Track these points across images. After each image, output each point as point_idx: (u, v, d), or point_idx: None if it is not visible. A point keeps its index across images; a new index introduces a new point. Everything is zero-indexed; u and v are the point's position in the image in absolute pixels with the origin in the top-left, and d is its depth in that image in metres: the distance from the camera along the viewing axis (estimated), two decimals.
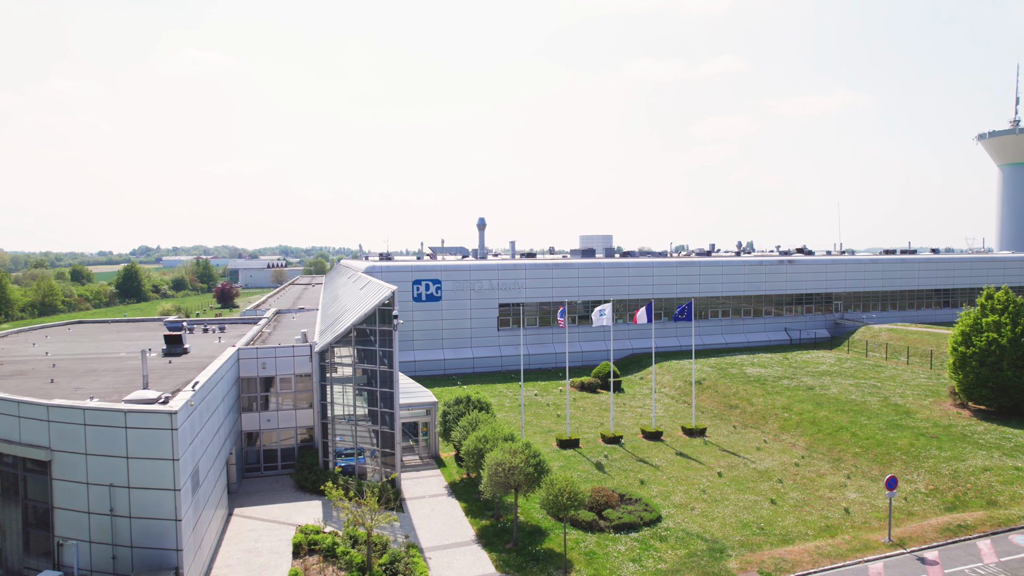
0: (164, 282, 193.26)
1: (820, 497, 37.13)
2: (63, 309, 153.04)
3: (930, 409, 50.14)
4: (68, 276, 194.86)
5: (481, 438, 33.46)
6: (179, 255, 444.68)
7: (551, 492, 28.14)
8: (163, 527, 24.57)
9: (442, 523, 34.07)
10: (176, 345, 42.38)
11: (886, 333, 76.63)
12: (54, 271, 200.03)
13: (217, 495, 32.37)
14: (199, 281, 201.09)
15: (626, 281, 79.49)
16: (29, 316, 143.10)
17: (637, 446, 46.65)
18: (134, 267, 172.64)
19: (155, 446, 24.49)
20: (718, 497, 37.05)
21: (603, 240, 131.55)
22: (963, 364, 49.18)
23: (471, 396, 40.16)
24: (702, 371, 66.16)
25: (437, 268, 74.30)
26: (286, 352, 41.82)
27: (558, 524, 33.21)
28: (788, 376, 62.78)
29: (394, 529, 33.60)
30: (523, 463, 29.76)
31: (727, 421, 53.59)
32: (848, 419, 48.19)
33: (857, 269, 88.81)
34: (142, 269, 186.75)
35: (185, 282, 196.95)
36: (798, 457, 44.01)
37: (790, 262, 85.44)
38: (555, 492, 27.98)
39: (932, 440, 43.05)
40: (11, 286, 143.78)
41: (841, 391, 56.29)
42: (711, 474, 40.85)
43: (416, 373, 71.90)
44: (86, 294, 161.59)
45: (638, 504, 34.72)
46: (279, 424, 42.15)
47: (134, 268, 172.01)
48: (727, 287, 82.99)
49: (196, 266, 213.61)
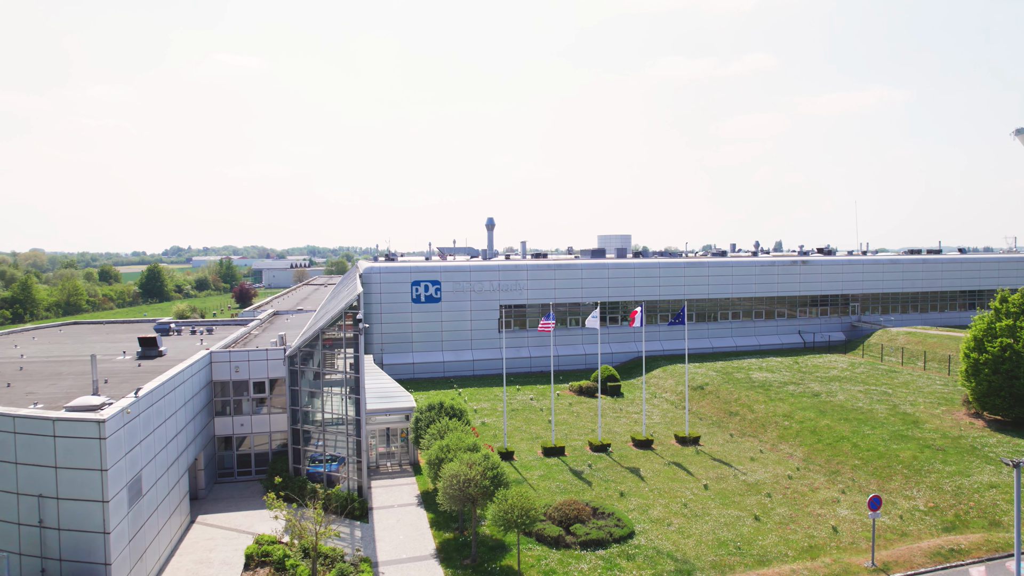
0: (187, 282, 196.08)
1: (809, 514, 34.95)
2: (87, 308, 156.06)
3: (941, 419, 47.33)
4: (96, 276, 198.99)
5: (443, 447, 32.11)
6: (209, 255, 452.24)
7: (501, 508, 26.66)
8: (92, 540, 23.73)
9: (404, 535, 32.82)
10: (151, 348, 41.86)
11: (904, 336, 73.28)
12: (83, 271, 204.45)
13: (173, 503, 31.59)
14: (222, 281, 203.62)
15: (631, 282, 77.42)
16: (54, 315, 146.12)
17: (625, 455, 44.84)
18: (157, 268, 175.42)
19: (83, 456, 23.66)
20: (699, 512, 35.13)
21: (621, 240, 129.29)
22: (976, 371, 46.28)
23: (444, 402, 38.83)
24: (706, 375, 63.92)
25: (437, 269, 73.21)
26: (260, 356, 41.02)
27: (524, 539, 31.69)
28: (795, 381, 60.20)
29: (355, 540, 32.48)
30: (479, 476, 28.33)
31: (725, 429, 51.40)
32: (850, 428, 45.70)
33: (875, 270, 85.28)
34: (165, 269, 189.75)
35: (208, 282, 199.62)
36: (793, 469, 41.75)
37: (803, 262, 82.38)
38: (505, 508, 26.49)
39: (938, 453, 40.44)
40: (37, 286, 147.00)
41: (848, 398, 53.64)
42: (697, 486, 38.89)
43: (415, 375, 70.98)
44: (111, 294, 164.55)
45: (610, 519, 33.00)
46: (253, 429, 41.39)
47: (157, 269, 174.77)
48: (738, 288, 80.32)
49: (219, 267, 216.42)
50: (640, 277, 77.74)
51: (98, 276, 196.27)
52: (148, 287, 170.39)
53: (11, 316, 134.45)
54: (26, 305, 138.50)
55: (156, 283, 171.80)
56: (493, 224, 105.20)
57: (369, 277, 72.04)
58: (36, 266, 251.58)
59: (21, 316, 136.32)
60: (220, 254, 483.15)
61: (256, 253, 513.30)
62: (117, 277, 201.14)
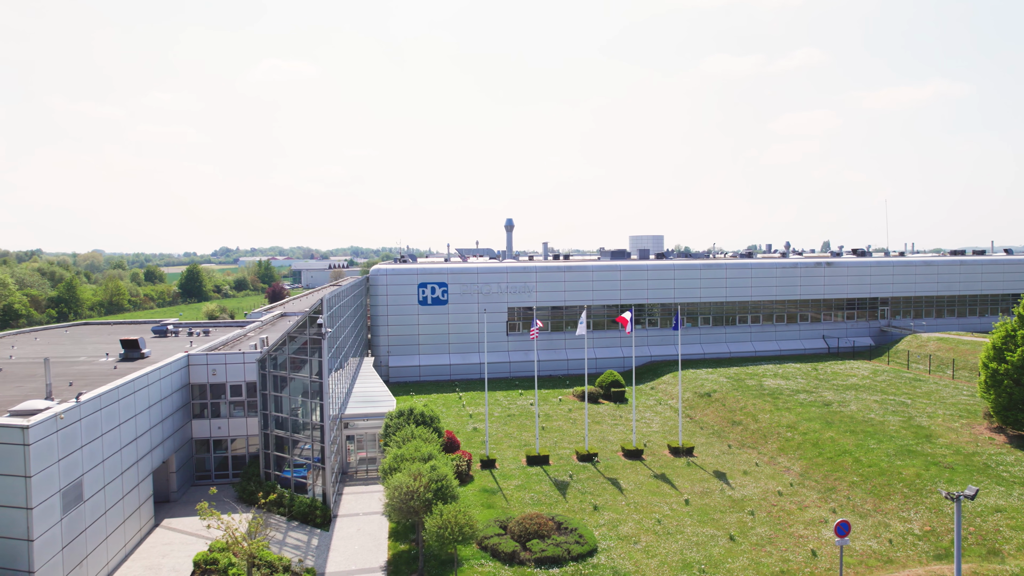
0: (227, 282, 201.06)
1: (790, 534, 32.70)
2: (129, 308, 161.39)
3: (958, 433, 44.05)
4: (142, 277, 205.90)
5: (397, 457, 31.16)
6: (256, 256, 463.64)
7: (435, 523, 25.49)
8: (15, 547, 23.58)
9: (360, 545, 31.99)
10: (132, 350, 42.23)
11: (934, 343, 69.04)
12: (130, 272, 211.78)
13: (130, 507, 31.48)
14: (260, 281, 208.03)
15: (644, 284, 75.17)
16: (97, 314, 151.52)
17: (611, 465, 43.11)
18: (196, 268, 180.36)
19: (8, 462, 23.53)
20: (672, 529, 33.26)
21: (653, 241, 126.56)
22: (995, 382, 42.90)
23: (415, 409, 37.88)
24: (716, 382, 61.37)
25: (444, 271, 72.49)
26: (236, 359, 40.89)
27: (479, 553, 30.52)
28: (808, 389, 57.21)
29: (310, 548, 31.84)
30: (422, 488, 27.26)
31: (725, 439, 49.04)
32: (855, 442, 42.91)
33: (907, 272, 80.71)
34: (204, 270, 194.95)
35: (247, 282, 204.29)
36: (786, 484, 39.34)
37: (827, 264, 78.54)
38: (439, 523, 25.32)
39: (945, 471, 37.47)
40: (81, 287, 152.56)
41: (861, 408, 50.56)
42: (678, 501, 36.95)
43: (421, 378, 70.45)
44: (152, 294, 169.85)
45: (572, 535, 31.46)
46: (230, 432, 41.28)
47: (196, 269, 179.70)
48: (757, 291, 77.13)
49: (258, 267, 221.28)
50: (654, 279, 75.43)
51: (144, 276, 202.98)
52: (187, 287, 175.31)
53: (56, 315, 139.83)
54: (71, 304, 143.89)
55: (195, 283, 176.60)
56: (512, 225, 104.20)
57: (376, 279, 71.87)
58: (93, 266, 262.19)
59: (66, 315, 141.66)
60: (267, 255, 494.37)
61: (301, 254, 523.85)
62: (161, 277, 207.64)
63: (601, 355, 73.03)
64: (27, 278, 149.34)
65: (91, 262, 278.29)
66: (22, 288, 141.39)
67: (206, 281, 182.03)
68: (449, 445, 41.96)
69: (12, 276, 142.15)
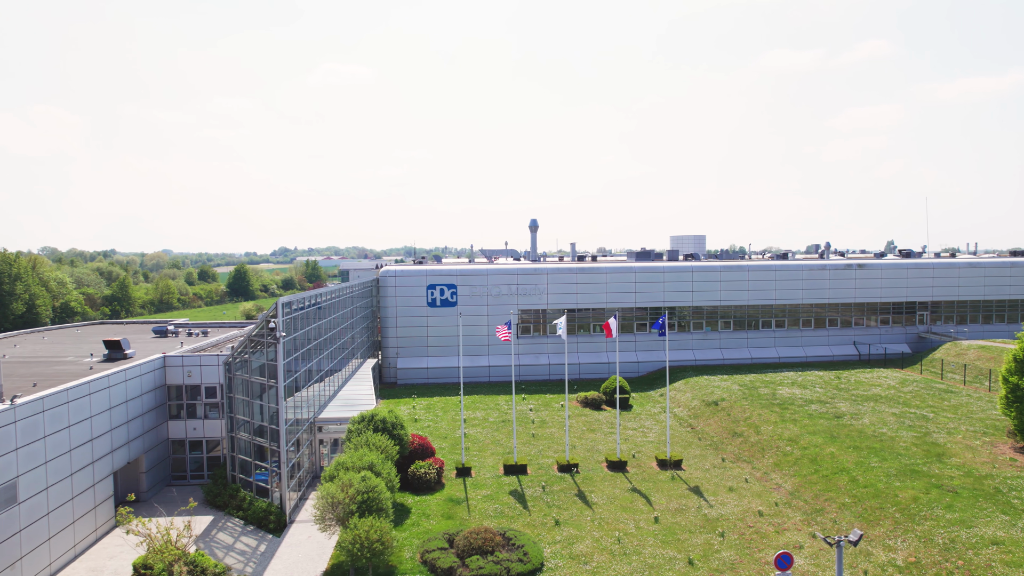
0: (274, 282, 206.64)
1: (756, 560, 30.27)
2: (178, 306, 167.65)
3: (976, 452, 40.26)
4: (196, 276, 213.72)
5: (340, 464, 30.37)
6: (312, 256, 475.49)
7: (347, 538, 24.50)
8: None
9: (304, 554, 31.36)
10: (116, 351, 42.95)
11: (975, 351, 63.90)
12: (185, 271, 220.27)
13: (81, 507, 31.74)
14: (307, 281, 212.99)
15: (660, 287, 72.48)
16: (148, 312, 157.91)
17: (591, 477, 41.24)
18: (243, 268, 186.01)
19: None
20: (631, 549, 31.31)
21: (695, 241, 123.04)
22: (1017, 398, 39.02)
23: (377, 414, 37.07)
24: (727, 390, 58.44)
25: (452, 272, 71.73)
26: (211, 360, 41.06)
27: (418, 567, 29.39)
28: (823, 400, 53.72)
29: (255, 554, 31.42)
30: (347, 499, 26.34)
31: (721, 451, 46.39)
32: (856, 459, 39.75)
33: (949, 274, 75.10)
34: (251, 270, 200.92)
35: (294, 282, 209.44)
36: (771, 503, 36.68)
37: (860, 266, 73.85)
38: (351, 538, 24.30)
39: (946, 495, 34.13)
40: (133, 286, 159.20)
41: (874, 422, 47.01)
42: (647, 518, 34.88)
43: (429, 380, 69.93)
44: (200, 293, 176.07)
45: (518, 551, 29.96)
46: (205, 433, 41.49)
47: (243, 269, 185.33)
48: (782, 294, 73.26)
49: (306, 267, 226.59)
50: (670, 281, 72.63)
51: (197, 276, 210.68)
52: (235, 286, 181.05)
53: (109, 312, 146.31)
54: (123, 303, 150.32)
55: (243, 283, 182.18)
56: (536, 226, 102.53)
57: (385, 280, 71.71)
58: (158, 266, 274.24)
59: (118, 312, 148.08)
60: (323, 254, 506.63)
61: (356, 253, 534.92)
62: (214, 277, 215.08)
63: (612, 359, 70.75)
64: (85, 277, 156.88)
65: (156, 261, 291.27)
66: (79, 287, 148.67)
67: (253, 281, 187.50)
68: (422, 452, 41.01)
69: (71, 276, 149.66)
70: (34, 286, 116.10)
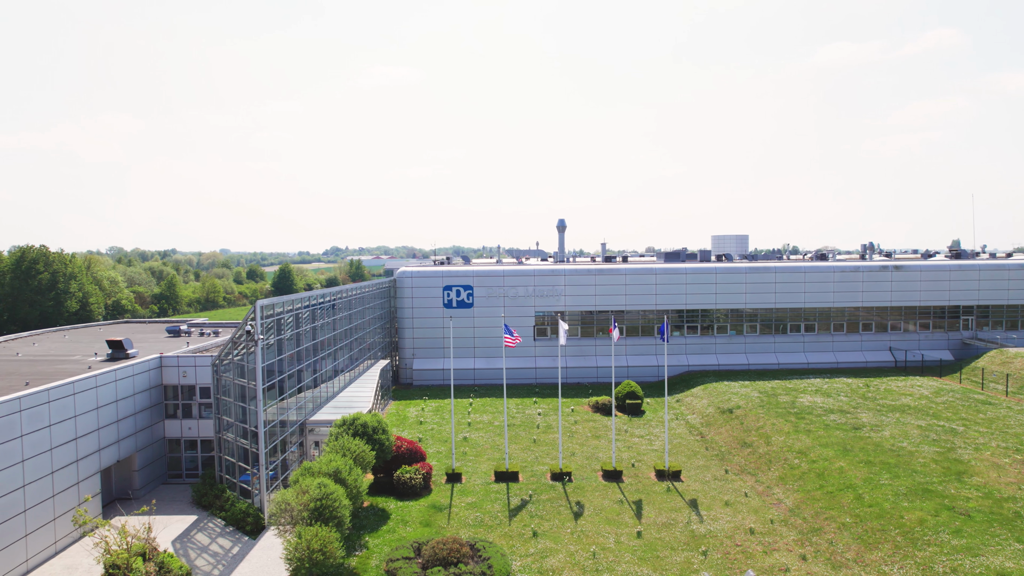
0: (318, 281, 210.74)
1: None
2: (223, 305, 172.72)
3: (1003, 471, 37.18)
4: (244, 275, 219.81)
5: (307, 469, 30.03)
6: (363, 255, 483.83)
7: (292, 545, 24.02)
8: None
9: (272, 557, 31.10)
10: (118, 351, 43.93)
11: (1022, 359, 59.45)
12: (234, 270, 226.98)
13: (61, 507, 32.27)
14: (349, 279, 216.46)
15: (683, 289, 70.15)
16: (194, 311, 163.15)
17: (584, 487, 39.87)
18: (287, 267, 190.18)
19: None
20: (604, 566, 29.92)
21: (736, 241, 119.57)
22: None
23: (358, 419, 36.65)
24: (745, 396, 56.00)
25: (469, 273, 71.14)
26: (205, 361, 41.49)
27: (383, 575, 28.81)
28: (844, 409, 50.80)
29: (227, 556, 31.40)
30: (300, 506, 25.92)
31: (727, 462, 44.27)
32: (866, 475, 37.23)
33: (997, 276, 70.15)
34: (296, 269, 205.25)
35: (337, 280, 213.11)
36: (766, 521, 34.60)
37: (896, 268, 69.74)
38: (294, 546, 23.81)
39: (957, 518, 31.51)
40: (181, 284, 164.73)
41: (895, 434, 44.09)
42: (630, 533, 33.37)
43: (445, 382, 69.51)
44: (246, 291, 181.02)
45: (483, 564, 29.00)
46: (200, 433, 41.95)
47: (287, 268, 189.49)
48: (811, 297, 69.90)
49: (349, 266, 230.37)
50: (693, 283, 70.23)
51: (245, 275, 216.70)
52: (280, 285, 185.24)
53: (157, 310, 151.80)
54: (170, 301, 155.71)
55: (287, 281, 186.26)
56: (564, 226, 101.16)
57: (401, 281, 71.71)
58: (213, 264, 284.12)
59: (165, 311, 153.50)
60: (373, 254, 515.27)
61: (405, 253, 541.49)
62: (262, 276, 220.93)
63: (633, 363, 68.90)
64: (137, 276, 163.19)
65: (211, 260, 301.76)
66: (131, 286, 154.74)
67: (297, 280, 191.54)
68: (410, 456, 40.45)
69: (124, 275, 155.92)
70: (88, 284, 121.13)
